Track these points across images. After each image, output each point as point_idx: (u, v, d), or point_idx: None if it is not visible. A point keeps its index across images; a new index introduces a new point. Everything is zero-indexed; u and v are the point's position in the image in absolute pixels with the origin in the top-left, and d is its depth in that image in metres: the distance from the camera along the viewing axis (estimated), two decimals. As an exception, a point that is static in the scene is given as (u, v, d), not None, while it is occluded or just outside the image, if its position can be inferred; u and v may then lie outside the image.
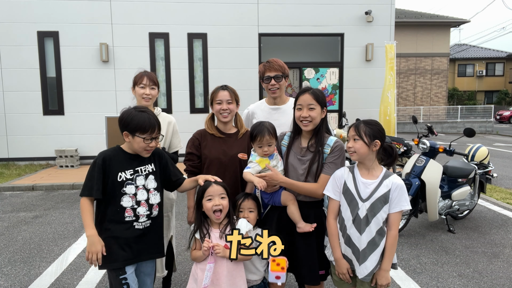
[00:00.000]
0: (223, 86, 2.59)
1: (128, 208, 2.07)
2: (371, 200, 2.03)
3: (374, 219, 2.02)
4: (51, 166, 8.92)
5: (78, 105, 8.81)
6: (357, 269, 2.07)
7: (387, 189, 2.03)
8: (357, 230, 2.05)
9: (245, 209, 2.28)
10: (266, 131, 2.25)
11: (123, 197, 2.07)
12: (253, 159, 2.30)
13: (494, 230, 4.70)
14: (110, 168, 2.06)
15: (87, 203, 2.03)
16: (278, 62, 2.81)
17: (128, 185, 2.08)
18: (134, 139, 2.05)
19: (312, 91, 2.23)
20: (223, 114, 2.53)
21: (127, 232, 2.07)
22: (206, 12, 9.12)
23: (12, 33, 8.68)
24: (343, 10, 9.51)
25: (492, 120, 20.99)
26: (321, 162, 2.21)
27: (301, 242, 2.25)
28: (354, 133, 2.05)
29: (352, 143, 2.05)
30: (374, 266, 2.04)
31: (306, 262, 2.25)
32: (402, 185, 2.04)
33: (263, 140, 2.25)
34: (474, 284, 3.35)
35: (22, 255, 4.03)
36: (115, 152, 2.13)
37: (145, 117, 2.05)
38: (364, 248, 2.03)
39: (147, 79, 2.73)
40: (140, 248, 2.13)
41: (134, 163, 2.13)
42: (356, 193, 2.07)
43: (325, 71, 9.77)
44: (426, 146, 4.53)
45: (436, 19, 21.33)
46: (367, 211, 2.03)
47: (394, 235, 2.04)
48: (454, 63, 32.80)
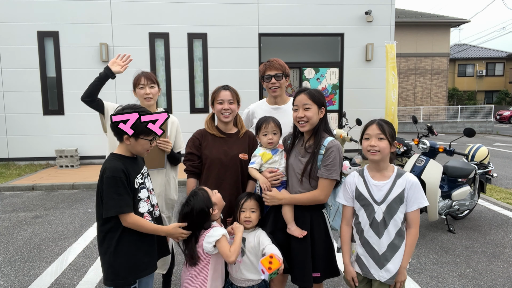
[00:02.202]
0: (225, 86, 2.59)
1: (145, 213, 2.03)
2: (387, 202, 2.00)
3: (392, 221, 2.00)
4: (51, 166, 8.93)
5: (78, 105, 8.67)
6: (376, 273, 2.04)
7: (402, 188, 2.00)
8: (375, 233, 2.03)
9: (247, 209, 2.27)
10: (271, 119, 2.34)
11: (139, 203, 2.01)
12: (257, 153, 2.32)
13: (494, 230, 4.70)
14: (129, 178, 1.96)
15: (128, 218, 1.92)
16: (279, 61, 2.83)
17: (142, 189, 2.03)
18: (138, 142, 1.98)
19: (308, 91, 2.21)
20: (225, 114, 2.53)
21: (147, 238, 2.02)
22: (206, 12, 9.12)
23: (12, 33, 8.67)
24: (343, 10, 9.50)
25: (492, 120, 20.99)
26: (315, 163, 2.19)
27: (296, 243, 2.24)
28: (379, 132, 1.99)
29: (377, 142, 1.99)
30: (398, 269, 2.01)
31: (300, 263, 2.23)
32: (416, 182, 2.01)
33: (268, 127, 2.30)
34: (474, 284, 3.35)
35: (22, 255, 4.02)
36: (122, 161, 2.00)
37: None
38: (385, 252, 2.01)
39: (145, 79, 2.74)
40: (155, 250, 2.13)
41: (138, 166, 2.09)
42: (370, 197, 2.04)
43: (325, 71, 9.77)
44: (426, 146, 4.53)
45: (436, 19, 21.33)
46: (383, 214, 2.00)
47: (415, 233, 2.02)
48: (454, 63, 32.79)
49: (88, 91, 2.67)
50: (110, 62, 2.74)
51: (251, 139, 2.61)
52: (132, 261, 1.98)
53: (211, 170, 2.51)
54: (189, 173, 2.59)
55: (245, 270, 2.25)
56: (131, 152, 2.06)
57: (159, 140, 2.61)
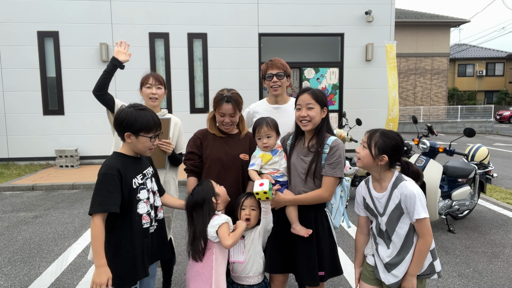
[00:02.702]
0: (227, 98, 2.45)
1: (144, 214, 2.01)
2: (387, 214, 1.99)
3: (394, 233, 1.97)
4: (51, 166, 8.93)
5: (78, 105, 8.79)
6: (384, 276, 2.04)
7: (398, 200, 1.93)
8: (383, 241, 2.04)
9: (247, 207, 2.31)
10: (264, 123, 2.31)
11: (138, 204, 1.98)
12: (256, 154, 2.32)
13: (494, 230, 4.70)
14: (125, 177, 1.94)
15: (100, 224, 1.84)
16: (281, 61, 2.85)
17: (142, 190, 2.01)
18: (138, 140, 1.97)
19: (311, 91, 2.24)
20: (225, 126, 2.54)
21: (145, 240, 2.01)
22: (206, 12, 9.12)
23: (12, 33, 8.67)
24: (343, 10, 9.50)
25: (492, 120, 20.98)
26: (320, 162, 2.21)
27: (301, 242, 2.25)
28: (365, 140, 1.99)
29: (360, 149, 2.02)
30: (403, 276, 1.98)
31: (306, 262, 2.24)
32: (411, 193, 1.87)
33: (261, 131, 2.29)
34: (474, 284, 3.35)
35: (22, 255, 4.02)
36: (121, 159, 1.99)
37: (148, 116, 1.98)
38: (390, 261, 2.00)
39: (153, 79, 2.75)
40: (153, 253, 2.12)
41: (140, 166, 2.07)
42: (374, 208, 2.06)
43: (325, 71, 9.77)
44: (426, 146, 4.53)
45: (436, 19, 21.33)
46: (386, 225, 2.00)
47: (422, 242, 1.91)
48: (454, 63, 32.79)
49: (98, 85, 2.67)
50: (115, 52, 2.74)
51: (251, 140, 2.61)
52: (130, 262, 1.96)
53: (211, 170, 2.51)
54: (190, 172, 2.58)
55: (246, 268, 2.28)
56: (134, 151, 2.05)
57: (161, 141, 2.61)
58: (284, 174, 2.34)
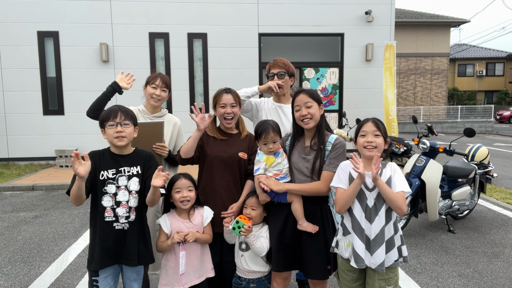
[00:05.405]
0: (226, 89, 2.56)
1: (108, 208, 2.10)
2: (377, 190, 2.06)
3: (383, 206, 2.06)
4: (51, 166, 8.93)
5: (78, 105, 8.79)
6: (368, 259, 2.06)
7: (389, 175, 2.09)
8: (367, 219, 2.08)
9: (248, 206, 2.40)
10: (270, 128, 2.31)
11: (103, 196, 2.10)
12: (260, 158, 2.33)
13: (494, 230, 4.70)
14: (96, 167, 2.09)
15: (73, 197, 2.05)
16: (283, 60, 2.88)
17: (109, 184, 2.10)
18: (106, 132, 2.10)
19: (306, 91, 2.31)
20: (227, 119, 2.54)
21: (107, 231, 2.10)
22: (206, 12, 9.12)
23: (12, 33, 8.67)
24: (343, 10, 9.50)
25: (492, 120, 21.00)
26: (323, 159, 2.25)
27: (309, 239, 2.28)
28: (375, 129, 2.09)
29: (373, 138, 2.08)
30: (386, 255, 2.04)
31: (315, 257, 2.28)
32: (398, 169, 2.16)
33: (268, 138, 2.30)
34: (474, 284, 3.35)
35: (22, 255, 4.03)
36: (102, 151, 2.17)
37: (109, 107, 2.14)
38: (375, 237, 2.05)
39: (160, 81, 2.74)
40: (119, 252, 2.12)
41: (119, 163, 2.14)
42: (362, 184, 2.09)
43: (325, 71, 9.77)
44: (426, 146, 4.53)
45: (436, 19, 21.34)
46: (375, 200, 2.07)
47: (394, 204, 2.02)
48: (454, 63, 32.79)
49: (94, 107, 2.68)
50: (118, 79, 2.80)
51: (251, 140, 2.62)
52: (91, 246, 2.14)
53: (210, 167, 2.53)
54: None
55: (251, 262, 2.39)
56: (117, 147, 2.14)
57: (156, 144, 2.62)
58: (287, 174, 2.35)
